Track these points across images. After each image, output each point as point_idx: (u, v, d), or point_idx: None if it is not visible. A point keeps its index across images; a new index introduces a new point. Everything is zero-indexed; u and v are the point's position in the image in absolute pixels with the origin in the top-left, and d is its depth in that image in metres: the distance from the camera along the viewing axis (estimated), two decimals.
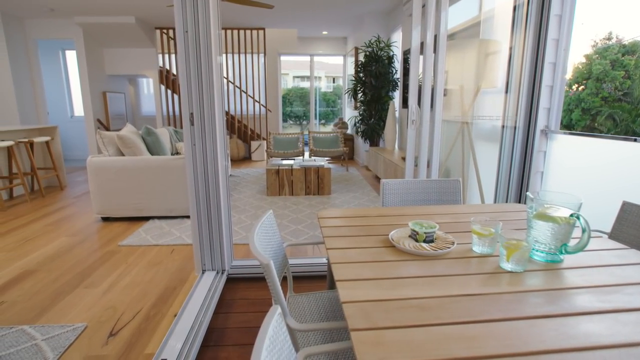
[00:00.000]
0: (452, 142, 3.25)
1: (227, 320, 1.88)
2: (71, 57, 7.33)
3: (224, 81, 6.46)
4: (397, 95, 5.85)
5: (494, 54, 2.60)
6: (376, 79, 5.71)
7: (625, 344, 0.67)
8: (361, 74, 5.99)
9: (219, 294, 2.06)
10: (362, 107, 6.02)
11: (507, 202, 2.57)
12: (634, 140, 1.86)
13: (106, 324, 1.84)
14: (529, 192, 1.08)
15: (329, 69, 11.01)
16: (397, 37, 5.74)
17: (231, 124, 7.27)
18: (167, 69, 6.94)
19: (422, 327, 0.71)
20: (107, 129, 6.89)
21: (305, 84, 11.26)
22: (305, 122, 11.03)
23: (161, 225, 3.33)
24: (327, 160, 6.84)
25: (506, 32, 2.59)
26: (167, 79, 6.88)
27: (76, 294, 2.13)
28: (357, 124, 6.30)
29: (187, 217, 3.52)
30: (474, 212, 1.51)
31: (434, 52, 2.27)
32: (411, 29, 2.28)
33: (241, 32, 7.02)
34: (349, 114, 7.84)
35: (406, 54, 5.18)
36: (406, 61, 5.22)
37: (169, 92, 6.92)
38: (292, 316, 1.25)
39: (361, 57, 6.17)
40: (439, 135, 2.36)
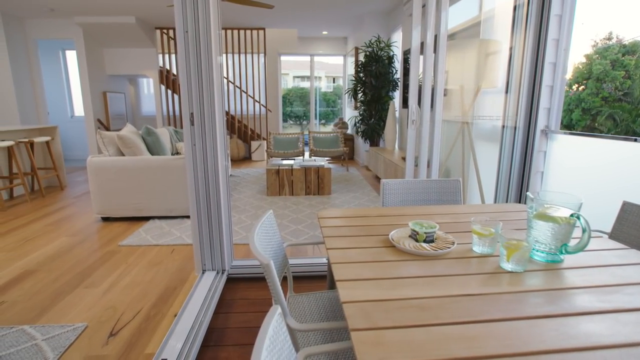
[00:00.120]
0: (452, 142, 3.25)
1: (227, 320, 1.88)
2: (71, 57, 7.33)
3: (224, 81, 6.47)
4: (397, 95, 5.85)
5: (494, 54, 2.60)
6: (376, 79, 5.71)
7: (625, 344, 0.67)
8: (361, 74, 5.99)
9: (219, 294, 2.06)
10: (362, 107, 6.02)
11: (507, 202, 2.57)
12: (634, 140, 1.86)
13: (106, 324, 1.84)
14: (529, 192, 1.08)
15: (329, 69, 11.01)
16: (397, 37, 5.74)
17: (231, 124, 7.28)
18: (167, 69, 6.94)
19: (422, 327, 0.71)
20: (107, 129, 6.89)
21: (305, 84, 11.26)
22: (305, 122, 11.03)
23: (161, 225, 3.33)
24: (327, 160, 6.84)
25: (506, 32, 2.59)
26: (167, 79, 6.88)
27: (76, 294, 2.13)
28: (357, 124, 6.30)
29: (187, 217, 3.52)
30: (474, 212, 1.51)
31: (434, 52, 2.27)
32: (411, 29, 2.28)
33: (241, 32, 7.02)
34: (349, 114, 7.84)
35: (406, 54, 5.18)
36: (406, 61, 5.22)
37: (169, 92, 6.92)
38: (292, 316, 1.25)
39: (361, 57, 6.17)
40: (439, 135, 2.36)
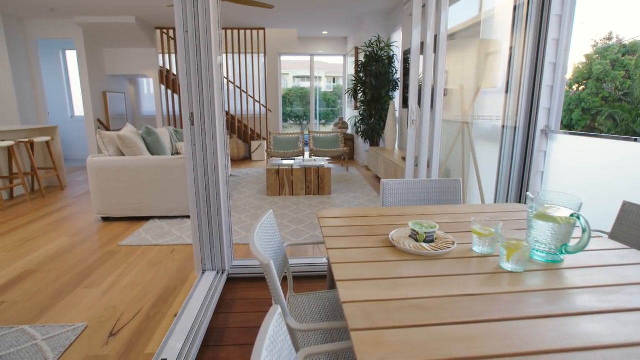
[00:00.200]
0: (453, 142, 3.25)
1: (228, 320, 1.88)
2: (71, 57, 7.33)
3: (224, 81, 6.47)
4: (398, 95, 5.85)
5: (494, 54, 2.60)
6: (376, 79, 5.71)
7: (625, 344, 0.66)
8: (361, 74, 5.99)
9: (219, 294, 2.06)
10: (363, 107, 6.02)
11: (507, 202, 2.57)
12: (635, 140, 1.86)
13: (106, 324, 1.84)
14: (529, 192, 1.08)
15: (329, 69, 11.01)
16: (397, 37, 5.74)
17: (231, 124, 7.28)
18: (168, 69, 6.94)
19: (422, 327, 0.71)
20: (108, 129, 6.89)
21: (305, 84, 11.26)
22: (305, 122, 11.03)
23: (161, 225, 3.33)
24: (327, 160, 6.84)
25: (506, 32, 2.59)
26: (168, 79, 6.88)
27: (76, 294, 2.13)
28: (358, 124, 6.30)
29: (188, 217, 3.52)
30: (474, 212, 1.51)
31: (434, 52, 2.27)
32: (411, 29, 2.28)
33: (241, 32, 7.02)
34: (349, 114, 7.84)
35: (406, 54, 5.18)
36: (406, 61, 5.22)
37: (169, 92, 6.92)
38: (293, 316, 1.25)
39: (361, 57, 6.17)
40: (439, 135, 2.36)
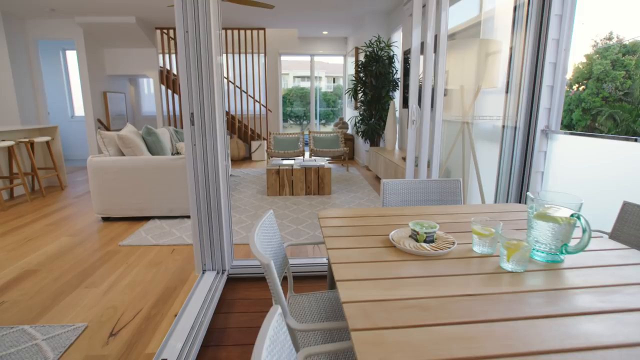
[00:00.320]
0: (453, 142, 3.25)
1: (228, 320, 1.88)
2: (72, 57, 7.34)
3: (225, 81, 6.47)
4: (398, 95, 5.85)
5: (494, 54, 2.60)
6: (376, 79, 5.71)
7: (625, 344, 0.66)
8: (361, 74, 5.99)
9: (219, 294, 2.06)
10: (363, 107, 6.02)
11: (507, 202, 2.57)
12: (635, 140, 1.86)
13: (107, 323, 1.84)
14: (529, 192, 1.08)
15: (329, 69, 11.01)
16: (397, 37, 5.74)
17: (231, 124, 7.28)
18: (168, 69, 6.94)
19: (422, 327, 0.71)
20: (108, 129, 6.89)
21: (305, 84, 11.26)
22: (305, 122, 11.03)
23: (161, 225, 3.33)
24: (327, 160, 6.84)
25: (507, 32, 2.58)
26: (168, 79, 6.88)
27: (77, 293, 2.13)
28: (358, 124, 6.30)
29: (188, 217, 3.52)
30: (474, 212, 1.51)
31: (435, 52, 2.27)
32: (411, 29, 2.28)
33: (241, 32, 7.02)
34: (350, 114, 7.84)
35: (406, 54, 5.18)
36: (406, 61, 5.22)
37: (170, 92, 6.92)
38: (293, 316, 1.25)
39: (361, 57, 6.17)
40: (440, 135, 2.36)
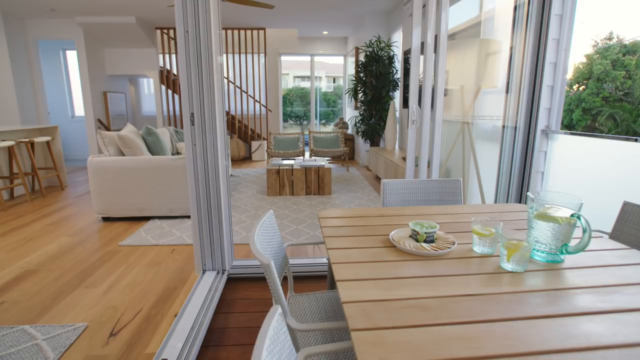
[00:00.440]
0: (453, 142, 3.25)
1: (228, 320, 1.88)
2: (72, 57, 7.34)
3: (225, 81, 6.47)
4: (398, 95, 5.85)
5: (494, 54, 2.60)
6: (377, 79, 5.71)
7: (626, 344, 0.66)
8: (362, 74, 5.99)
9: (219, 294, 2.06)
10: (363, 107, 6.02)
11: (507, 202, 2.57)
12: (635, 140, 1.86)
13: (107, 323, 1.84)
14: (529, 192, 1.08)
15: (329, 69, 11.00)
16: (397, 37, 5.74)
17: (232, 124, 7.28)
18: (168, 69, 6.94)
19: (422, 327, 0.71)
20: (108, 129, 6.89)
21: (305, 84, 11.25)
22: (305, 122, 11.02)
23: (162, 225, 3.33)
24: (327, 160, 6.84)
25: (507, 32, 2.58)
26: (168, 79, 6.88)
27: (77, 293, 2.13)
28: (358, 124, 6.30)
29: (188, 217, 3.52)
30: (474, 212, 1.51)
31: (435, 52, 2.27)
32: (412, 29, 2.28)
33: (242, 32, 7.02)
34: (350, 114, 7.84)
35: (407, 54, 5.18)
36: (407, 61, 5.22)
37: (170, 92, 6.93)
38: (293, 316, 1.25)
39: (362, 57, 6.17)
40: (440, 135, 2.36)
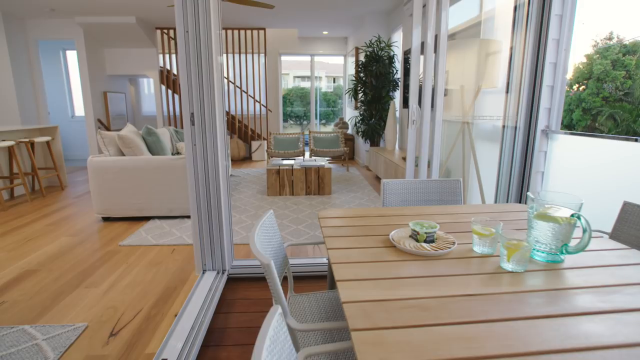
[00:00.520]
0: (453, 142, 3.25)
1: (228, 320, 1.88)
2: (72, 57, 7.34)
3: (225, 81, 6.47)
4: (398, 95, 5.85)
5: (494, 54, 2.60)
6: (377, 79, 5.71)
7: (626, 344, 0.66)
8: (362, 74, 5.99)
9: (219, 294, 2.06)
10: (363, 107, 6.02)
11: (507, 202, 2.57)
12: (635, 140, 1.86)
13: (107, 323, 1.84)
14: (529, 192, 1.08)
15: (329, 69, 11.00)
16: (397, 37, 5.74)
17: (232, 124, 7.28)
18: (168, 69, 6.94)
19: (422, 327, 0.71)
20: (108, 128, 6.89)
21: (305, 84, 11.25)
22: (305, 122, 11.02)
23: (162, 225, 3.33)
24: (327, 160, 6.84)
25: (507, 32, 2.58)
26: (168, 79, 6.88)
27: (77, 293, 2.13)
28: (358, 124, 6.30)
29: (188, 217, 3.52)
30: (474, 212, 1.51)
31: (435, 52, 2.27)
32: (412, 29, 2.28)
33: (242, 32, 7.02)
34: (350, 114, 7.84)
35: (407, 54, 5.18)
36: (407, 61, 5.22)
37: (170, 92, 6.93)
38: (293, 316, 1.25)
39: (362, 57, 6.17)
40: (440, 135, 2.36)
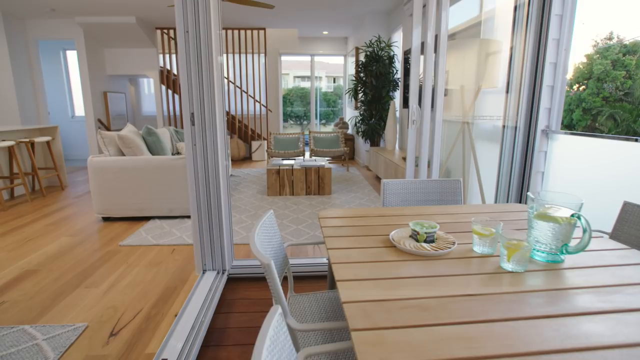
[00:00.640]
0: (453, 142, 3.25)
1: (228, 320, 1.88)
2: (72, 57, 7.34)
3: (225, 81, 6.47)
4: (398, 95, 5.85)
5: (494, 53, 2.60)
6: (377, 79, 5.71)
7: (626, 344, 0.66)
8: (362, 74, 5.99)
9: (219, 294, 2.06)
10: (363, 107, 6.02)
11: (507, 202, 2.57)
12: (635, 140, 1.86)
13: (107, 323, 1.84)
14: (529, 192, 1.08)
15: (329, 69, 11.00)
16: (397, 37, 5.74)
17: (232, 124, 7.28)
18: (168, 69, 6.94)
19: (422, 327, 0.71)
20: (108, 128, 6.89)
21: (305, 84, 11.24)
22: (305, 122, 11.02)
23: (162, 225, 3.33)
24: (327, 160, 6.84)
25: (507, 32, 2.58)
26: (168, 79, 6.88)
27: (77, 293, 2.13)
28: (358, 124, 6.29)
29: (188, 217, 3.52)
30: (474, 212, 1.51)
31: (435, 52, 2.27)
32: (412, 29, 2.28)
33: (242, 32, 7.02)
34: (350, 114, 7.84)
35: (407, 54, 5.18)
36: (407, 61, 5.22)
37: (170, 92, 6.93)
38: (293, 316, 1.25)
39: (362, 57, 6.17)
40: (440, 135, 2.36)
